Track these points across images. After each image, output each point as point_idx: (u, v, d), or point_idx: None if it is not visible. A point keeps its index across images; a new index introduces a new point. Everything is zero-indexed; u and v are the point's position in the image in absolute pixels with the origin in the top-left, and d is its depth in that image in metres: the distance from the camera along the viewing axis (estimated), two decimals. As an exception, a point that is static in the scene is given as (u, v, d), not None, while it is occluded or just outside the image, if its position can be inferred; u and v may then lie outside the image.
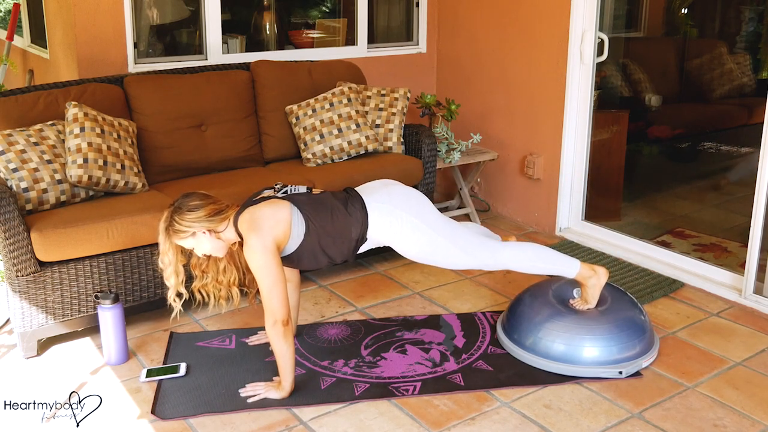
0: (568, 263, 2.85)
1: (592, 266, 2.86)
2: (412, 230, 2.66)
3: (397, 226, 2.65)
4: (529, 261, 2.84)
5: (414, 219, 2.66)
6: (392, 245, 2.74)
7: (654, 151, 5.27)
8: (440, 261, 2.78)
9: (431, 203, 2.82)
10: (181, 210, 2.54)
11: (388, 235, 2.67)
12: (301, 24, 5.05)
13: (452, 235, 2.74)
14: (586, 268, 2.85)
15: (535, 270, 2.87)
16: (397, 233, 2.66)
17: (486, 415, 2.55)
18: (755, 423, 2.50)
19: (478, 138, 4.35)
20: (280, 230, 2.54)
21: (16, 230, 2.77)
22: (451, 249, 2.72)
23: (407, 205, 2.68)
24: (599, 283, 2.85)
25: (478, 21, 4.56)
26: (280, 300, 2.48)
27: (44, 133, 3.11)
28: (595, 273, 2.84)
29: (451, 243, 2.71)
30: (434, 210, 2.79)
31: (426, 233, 2.67)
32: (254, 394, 2.63)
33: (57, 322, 2.94)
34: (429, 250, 2.71)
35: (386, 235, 2.68)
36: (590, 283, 2.85)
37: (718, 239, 4.14)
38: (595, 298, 2.87)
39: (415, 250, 2.72)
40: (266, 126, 3.87)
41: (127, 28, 3.87)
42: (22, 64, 5.25)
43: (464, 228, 2.87)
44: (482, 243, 2.82)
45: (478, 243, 2.81)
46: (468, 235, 2.80)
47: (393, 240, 2.70)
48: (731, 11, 5.31)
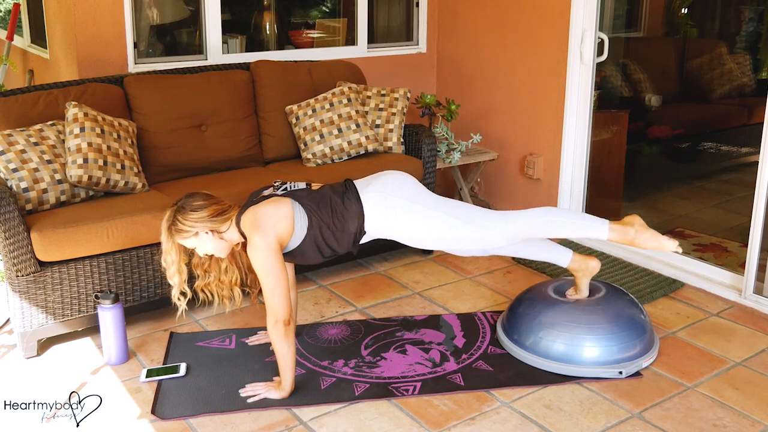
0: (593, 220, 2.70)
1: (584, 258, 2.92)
2: (406, 212, 2.60)
3: (392, 212, 2.61)
4: (541, 219, 2.67)
5: (407, 201, 2.61)
6: (393, 235, 2.68)
7: (654, 151, 5.27)
8: (446, 240, 2.66)
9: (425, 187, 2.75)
10: (184, 210, 2.55)
11: (385, 224, 2.63)
12: (301, 24, 5.05)
13: (450, 210, 2.64)
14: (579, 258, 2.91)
15: (550, 229, 2.68)
16: (393, 220, 2.62)
17: (486, 415, 2.55)
18: (755, 423, 2.50)
19: (478, 138, 4.35)
20: (282, 227, 2.54)
21: (16, 230, 2.77)
22: (453, 222, 2.61)
23: (400, 190, 2.63)
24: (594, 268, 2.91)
25: (478, 21, 4.56)
26: (282, 299, 2.48)
27: (44, 133, 3.11)
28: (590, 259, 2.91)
29: (450, 215, 2.62)
30: (428, 191, 2.72)
31: (421, 212, 2.60)
32: (254, 394, 2.63)
33: (57, 322, 2.95)
34: (428, 228, 2.62)
35: (384, 225, 2.64)
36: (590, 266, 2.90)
37: (718, 239, 4.15)
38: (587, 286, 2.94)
39: (415, 233, 2.65)
40: (266, 126, 3.87)
41: (127, 28, 3.87)
42: (22, 64, 5.25)
43: (463, 203, 2.75)
44: (485, 211, 2.70)
45: (481, 212, 2.68)
46: (468, 207, 2.70)
47: (392, 228, 2.65)
48: (731, 11, 5.31)
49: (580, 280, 2.93)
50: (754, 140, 3.33)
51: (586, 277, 2.92)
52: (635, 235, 2.67)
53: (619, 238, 2.67)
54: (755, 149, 3.31)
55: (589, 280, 2.94)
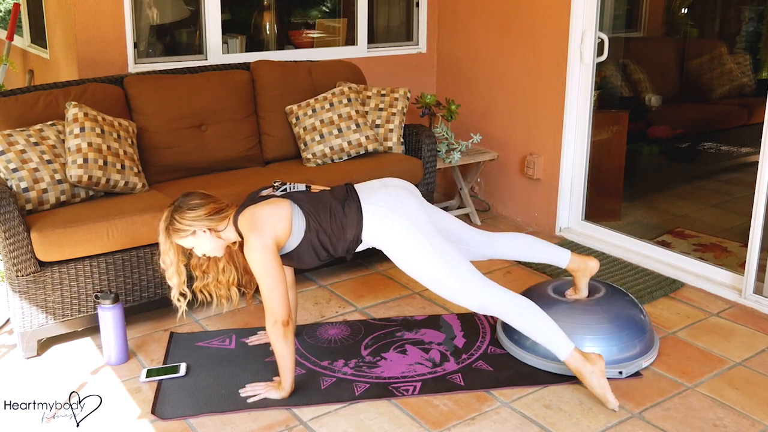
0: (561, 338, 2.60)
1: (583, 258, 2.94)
2: (402, 233, 2.59)
3: (389, 228, 2.60)
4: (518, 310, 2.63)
5: (406, 222, 2.59)
6: (383, 249, 2.67)
7: (654, 151, 5.27)
8: (423, 275, 2.63)
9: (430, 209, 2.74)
10: (181, 209, 2.55)
11: (380, 237, 2.63)
12: (301, 24, 5.06)
13: (443, 250, 2.60)
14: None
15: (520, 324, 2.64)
16: (388, 236, 2.61)
17: (486, 415, 2.55)
18: (755, 423, 2.50)
19: (478, 138, 4.35)
20: (280, 228, 2.54)
21: (16, 230, 2.77)
22: (439, 264, 2.58)
23: (401, 208, 2.62)
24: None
25: (478, 21, 4.56)
26: (280, 300, 2.48)
27: (44, 133, 3.11)
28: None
29: (439, 256, 2.59)
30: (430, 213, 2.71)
31: (414, 240, 2.58)
32: (254, 394, 2.63)
33: (57, 322, 2.94)
34: (414, 259, 2.59)
35: (379, 238, 2.64)
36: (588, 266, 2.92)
37: (718, 239, 4.14)
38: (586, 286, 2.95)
39: (401, 256, 2.63)
40: (266, 126, 3.87)
41: (127, 28, 3.87)
42: (22, 64, 5.25)
43: (458, 255, 2.66)
44: (473, 269, 2.65)
45: (469, 268, 2.65)
46: (461, 258, 2.65)
47: (384, 243, 2.64)
48: (731, 11, 5.31)
49: (579, 280, 2.93)
50: (754, 140, 3.33)
51: (585, 277, 2.93)
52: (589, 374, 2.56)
53: (574, 365, 2.57)
54: (755, 149, 3.31)
55: (588, 279, 2.94)
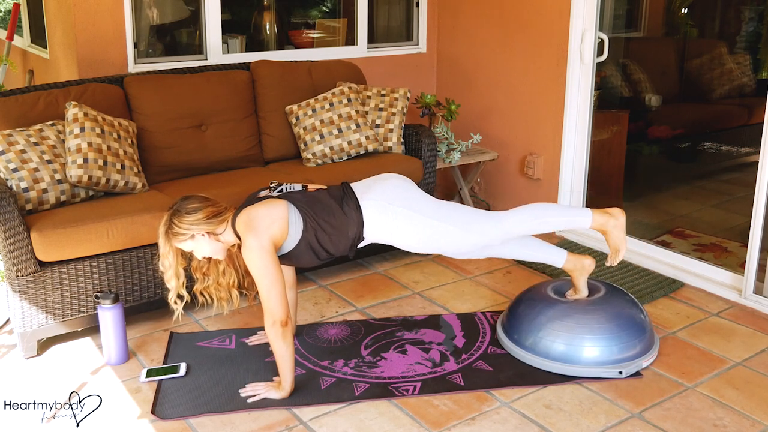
0: (580, 213, 2.80)
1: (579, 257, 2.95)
2: (406, 221, 2.63)
3: (392, 220, 2.63)
4: (536, 219, 2.74)
5: (406, 210, 2.63)
6: (392, 242, 2.72)
7: (654, 151, 5.27)
8: (444, 246, 2.73)
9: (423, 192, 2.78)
10: (179, 213, 2.56)
11: (385, 231, 2.66)
12: (301, 24, 5.06)
13: (447, 216, 2.68)
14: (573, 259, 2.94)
15: (545, 226, 2.76)
16: (394, 228, 2.65)
17: (486, 415, 2.55)
18: (755, 423, 2.50)
19: (478, 138, 4.35)
20: (277, 228, 2.54)
21: (16, 230, 2.77)
22: (450, 229, 2.66)
23: (399, 198, 2.66)
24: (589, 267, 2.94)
25: (478, 21, 4.56)
26: (278, 300, 2.48)
27: (44, 133, 3.11)
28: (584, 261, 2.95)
29: (448, 224, 2.66)
30: (426, 197, 2.74)
31: (421, 221, 2.64)
32: (254, 394, 2.63)
33: (57, 322, 2.94)
34: (428, 236, 2.67)
35: (383, 232, 2.66)
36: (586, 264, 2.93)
37: (718, 239, 4.14)
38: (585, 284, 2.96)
39: (414, 241, 2.69)
40: (266, 126, 3.87)
41: (127, 28, 3.87)
42: (22, 64, 5.25)
43: (461, 206, 2.80)
44: (481, 215, 2.75)
45: (477, 217, 2.73)
46: (465, 212, 2.74)
47: (392, 236, 2.68)
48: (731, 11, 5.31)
49: (577, 280, 2.93)
50: (754, 140, 3.33)
51: (582, 276, 2.93)
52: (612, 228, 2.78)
53: (598, 223, 2.78)
54: (755, 149, 3.31)
55: (586, 278, 2.94)
